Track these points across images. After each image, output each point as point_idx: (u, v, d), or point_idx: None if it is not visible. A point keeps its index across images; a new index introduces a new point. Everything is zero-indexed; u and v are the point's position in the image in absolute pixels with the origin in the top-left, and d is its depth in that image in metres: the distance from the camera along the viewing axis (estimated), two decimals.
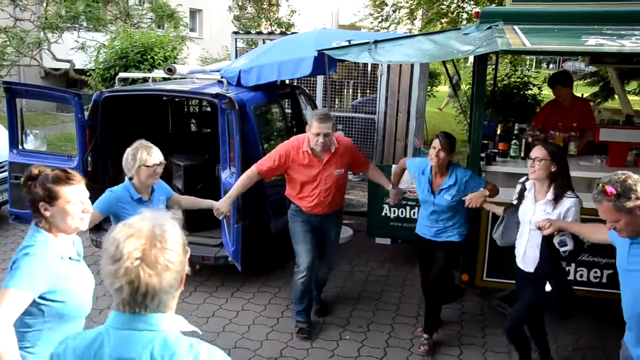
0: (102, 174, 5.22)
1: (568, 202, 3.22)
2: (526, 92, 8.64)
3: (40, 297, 2.07)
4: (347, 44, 4.46)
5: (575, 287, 4.32)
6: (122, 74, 5.45)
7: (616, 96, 10.98)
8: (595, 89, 13.81)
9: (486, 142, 5.24)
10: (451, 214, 3.90)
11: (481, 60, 4.04)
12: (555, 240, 3.13)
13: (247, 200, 4.56)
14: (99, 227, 5.29)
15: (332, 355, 4.07)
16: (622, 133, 4.45)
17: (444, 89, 15.59)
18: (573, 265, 4.33)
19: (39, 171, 2.18)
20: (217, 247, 4.86)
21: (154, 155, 3.28)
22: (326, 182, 4.00)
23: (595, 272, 4.38)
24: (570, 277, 4.33)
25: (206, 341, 1.46)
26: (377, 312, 4.71)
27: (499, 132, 4.90)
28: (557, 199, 3.23)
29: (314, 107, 7.33)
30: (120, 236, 1.36)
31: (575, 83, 9.15)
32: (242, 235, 4.41)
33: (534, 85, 8.80)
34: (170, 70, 4.77)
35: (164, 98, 5.51)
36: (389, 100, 8.82)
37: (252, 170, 4.02)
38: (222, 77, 5.15)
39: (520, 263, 3.52)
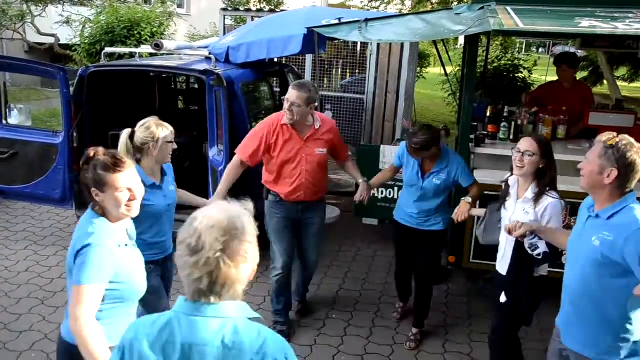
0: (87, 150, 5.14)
1: (548, 201, 2.91)
2: (516, 75, 8.64)
3: None
4: (337, 22, 4.40)
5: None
6: (108, 49, 5.34)
7: (605, 81, 11.04)
8: (585, 73, 13.89)
9: (475, 124, 5.24)
10: (436, 200, 3.76)
11: (472, 42, 4.01)
12: (526, 244, 2.86)
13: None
14: (85, 204, 5.24)
15: (318, 334, 4.09)
16: (612, 117, 4.47)
17: (434, 70, 15.53)
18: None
19: (93, 154, 2.15)
20: None
21: (170, 129, 3.04)
22: (307, 162, 3.73)
23: None
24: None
25: None
26: (363, 292, 4.73)
27: (488, 114, 4.89)
28: (537, 197, 2.94)
29: None
30: (201, 228, 1.37)
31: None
32: None
33: (524, 68, 8.79)
34: (158, 46, 4.68)
35: (151, 74, 5.41)
36: (378, 81, 8.76)
37: (235, 159, 3.80)
38: (210, 54, 5.07)
39: (499, 266, 3.20)
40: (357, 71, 9.25)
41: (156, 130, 2.94)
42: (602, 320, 2.38)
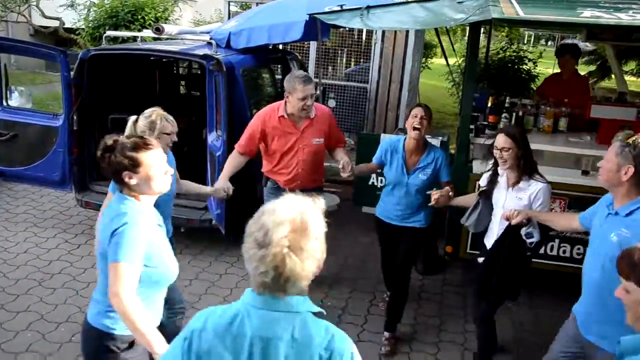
0: (87, 134, 5.15)
1: (537, 186, 3.06)
2: (521, 66, 8.56)
3: None
4: (339, 8, 4.37)
5: (558, 263, 4.38)
6: (109, 32, 5.33)
7: (613, 75, 10.91)
8: (593, 67, 13.72)
9: (477, 114, 5.21)
10: (420, 197, 3.63)
11: (474, 30, 3.97)
12: (523, 232, 2.98)
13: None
14: (85, 187, 5.27)
15: None
16: (614, 110, 4.42)
17: (440, 60, 15.40)
18: (557, 241, 4.34)
19: (114, 141, 2.16)
20: (203, 210, 4.84)
21: (172, 121, 3.07)
22: (304, 152, 3.76)
23: (578, 249, 4.40)
24: (554, 252, 4.36)
25: (188, 303, 1.46)
26: (359, 280, 4.73)
27: (489, 104, 4.85)
28: (525, 182, 3.09)
29: None
30: (269, 222, 1.38)
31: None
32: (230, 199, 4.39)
33: (529, 60, 8.71)
34: (158, 30, 4.66)
35: (152, 58, 5.39)
36: (382, 70, 8.70)
37: (234, 153, 3.82)
38: (211, 39, 5.04)
39: (488, 243, 3.36)
40: (361, 60, 9.19)
41: (156, 120, 2.97)
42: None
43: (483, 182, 3.40)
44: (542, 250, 4.26)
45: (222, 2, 9.03)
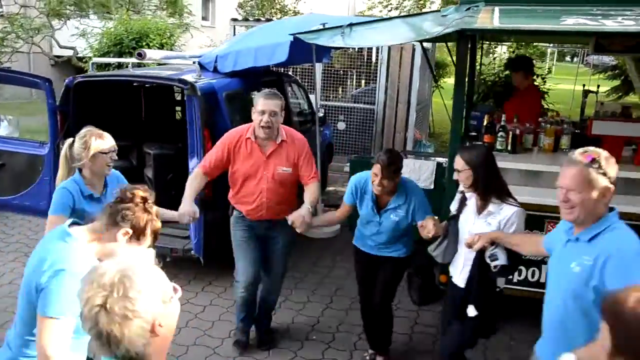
0: None
1: (509, 211, 2.80)
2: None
3: None
4: (321, 27, 4.21)
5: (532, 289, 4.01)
6: (95, 59, 5.28)
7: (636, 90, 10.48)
8: (617, 82, 13.29)
9: (474, 134, 4.95)
10: (399, 233, 3.37)
11: (461, 43, 3.73)
12: (486, 254, 2.74)
13: (216, 191, 4.34)
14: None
15: (294, 357, 3.85)
16: (617, 126, 4.10)
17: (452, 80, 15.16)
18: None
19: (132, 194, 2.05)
20: (186, 239, 4.66)
21: (107, 139, 2.94)
22: (268, 180, 3.46)
23: None
24: (522, 277, 4.00)
25: None
26: (349, 312, 4.47)
27: (485, 123, 4.57)
28: (496, 206, 2.83)
29: (307, 97, 7.08)
30: (84, 280, 1.34)
31: (597, 76, 8.80)
32: (209, 227, 4.21)
33: (537, 75, 8.38)
34: (140, 55, 4.58)
35: (134, 84, 5.32)
36: (389, 91, 8.53)
37: (197, 172, 3.57)
38: (195, 63, 4.93)
39: (457, 278, 3.08)
40: (370, 82, 9.03)
41: (90, 140, 2.83)
42: None
43: (453, 207, 3.16)
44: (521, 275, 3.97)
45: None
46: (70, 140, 2.87)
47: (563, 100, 10.48)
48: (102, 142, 2.86)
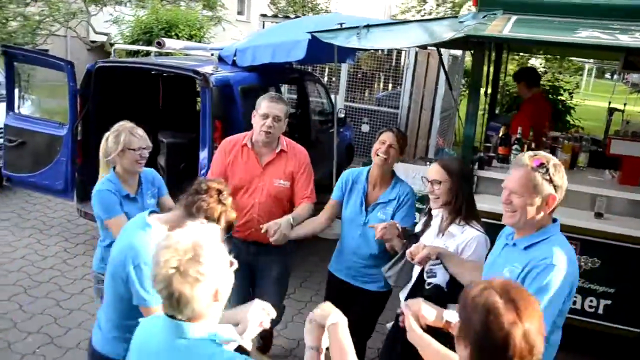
0: (92, 144, 5.17)
1: (470, 234, 2.46)
2: (556, 97, 8.06)
3: None
4: (338, 27, 4.19)
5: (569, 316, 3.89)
6: (118, 45, 5.36)
7: None
8: None
9: (489, 145, 4.87)
10: (378, 244, 2.97)
11: (477, 51, 3.67)
12: (426, 268, 2.43)
13: None
14: (87, 197, 5.26)
15: (288, 355, 3.85)
16: (637, 147, 3.96)
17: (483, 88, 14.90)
18: None
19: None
20: None
21: (138, 136, 2.83)
22: (263, 193, 3.12)
23: (591, 301, 3.94)
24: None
25: None
26: None
27: (500, 134, 4.48)
28: (458, 228, 2.51)
29: (328, 97, 7.06)
30: (159, 246, 1.50)
31: (634, 95, 8.57)
32: None
33: (564, 90, 8.20)
34: (159, 44, 4.64)
35: (152, 72, 5.38)
36: (414, 96, 8.43)
37: None
38: (215, 55, 4.97)
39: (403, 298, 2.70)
40: (397, 85, 8.95)
41: (120, 136, 2.78)
42: None
43: (418, 227, 2.82)
44: None
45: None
46: (107, 134, 2.84)
47: (594, 117, 10.20)
48: (132, 138, 2.80)
